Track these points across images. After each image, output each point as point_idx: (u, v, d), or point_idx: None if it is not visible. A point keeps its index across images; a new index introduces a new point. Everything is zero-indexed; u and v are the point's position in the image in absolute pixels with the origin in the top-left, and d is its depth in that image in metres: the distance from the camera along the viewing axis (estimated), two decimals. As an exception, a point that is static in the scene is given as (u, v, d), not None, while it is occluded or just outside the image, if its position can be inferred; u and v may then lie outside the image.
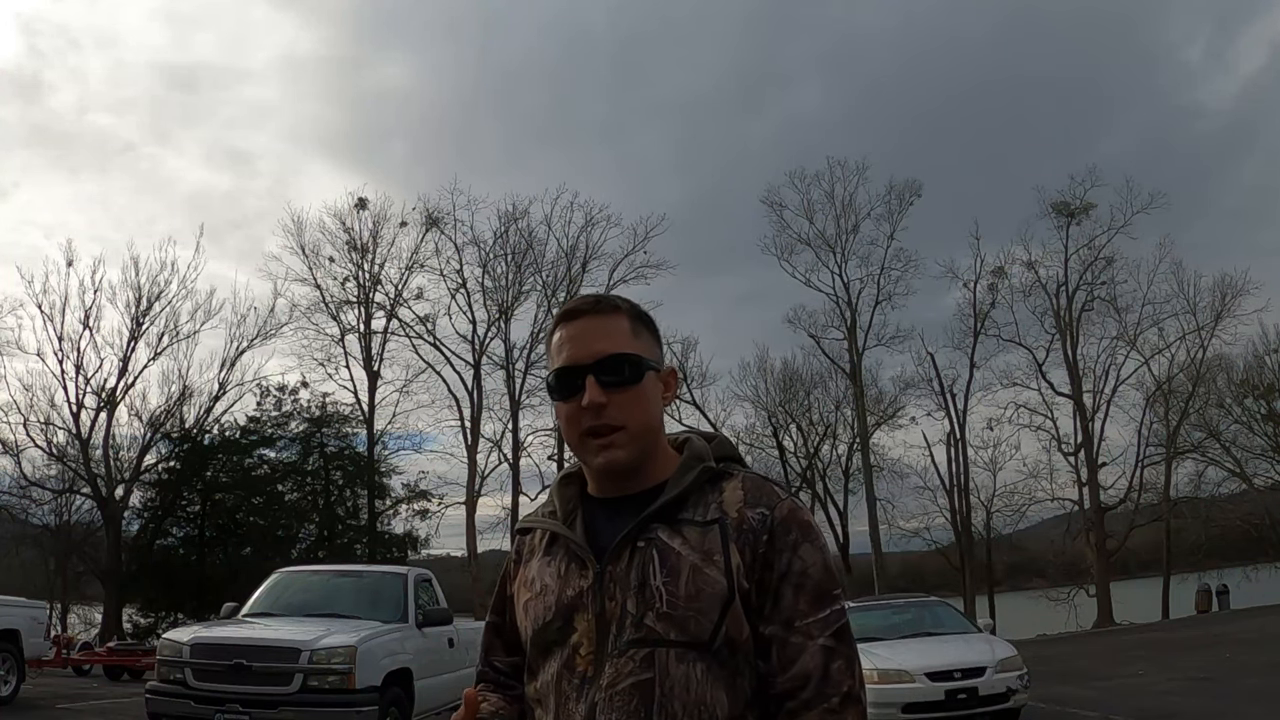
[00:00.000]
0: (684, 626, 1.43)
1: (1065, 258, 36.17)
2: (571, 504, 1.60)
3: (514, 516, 35.64)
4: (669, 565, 1.46)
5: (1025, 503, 37.33)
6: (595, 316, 1.57)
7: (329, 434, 34.55)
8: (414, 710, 9.34)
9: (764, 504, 1.51)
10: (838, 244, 36.98)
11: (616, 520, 1.53)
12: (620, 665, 1.45)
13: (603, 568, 1.50)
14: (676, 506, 1.51)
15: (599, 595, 1.49)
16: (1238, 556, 36.10)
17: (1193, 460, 36.03)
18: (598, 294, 1.65)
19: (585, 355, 1.53)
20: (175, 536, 33.09)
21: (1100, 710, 12.58)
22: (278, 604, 10.00)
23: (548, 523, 1.62)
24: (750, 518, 1.49)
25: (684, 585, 1.45)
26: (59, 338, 32.03)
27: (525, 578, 1.62)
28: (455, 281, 36.39)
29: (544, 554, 1.60)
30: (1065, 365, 36.34)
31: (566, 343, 1.56)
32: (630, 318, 1.59)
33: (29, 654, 13.16)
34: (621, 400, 1.52)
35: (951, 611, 13.50)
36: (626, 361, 1.54)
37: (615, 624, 1.47)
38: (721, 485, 1.54)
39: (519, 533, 1.71)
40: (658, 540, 1.49)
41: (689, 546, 1.47)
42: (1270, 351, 35.55)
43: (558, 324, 1.60)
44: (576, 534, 1.55)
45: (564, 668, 1.50)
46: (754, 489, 1.53)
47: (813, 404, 39.93)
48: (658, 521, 1.50)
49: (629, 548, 1.50)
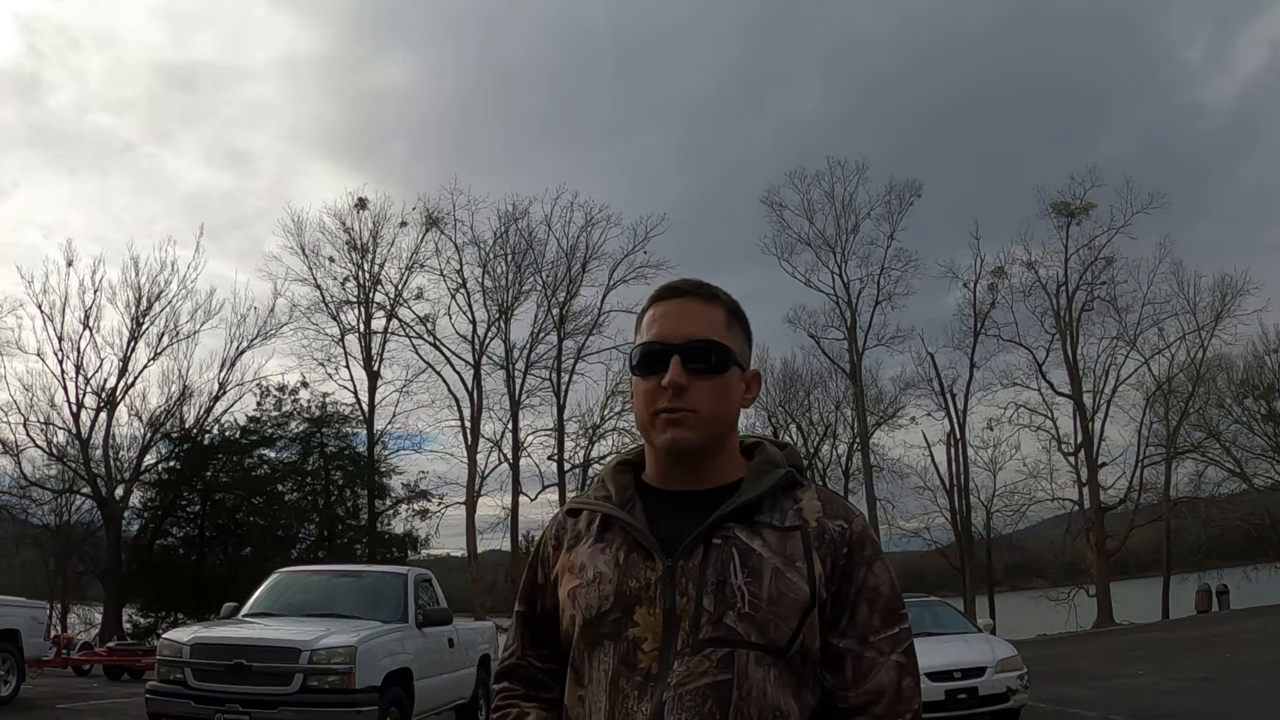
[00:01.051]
0: (764, 630, 1.40)
1: (1065, 258, 36.23)
2: (628, 491, 1.55)
3: (514, 516, 35.72)
4: (750, 566, 1.43)
5: (1025, 503, 37.39)
6: (694, 300, 1.55)
7: (329, 434, 34.55)
8: (414, 710, 9.33)
9: (842, 517, 1.50)
10: (838, 244, 37.05)
11: (681, 514, 1.48)
12: (693, 664, 1.40)
13: (674, 562, 1.44)
14: (754, 508, 1.48)
15: (670, 590, 1.43)
16: (1238, 556, 36.08)
17: (1193, 460, 36.06)
18: (701, 280, 1.60)
19: (675, 335, 1.50)
20: (175, 536, 33.05)
21: (1100, 710, 12.58)
22: (278, 604, 9.99)
23: (604, 506, 1.55)
24: (830, 528, 1.48)
25: (766, 588, 1.42)
26: (59, 338, 32.11)
27: (571, 563, 1.54)
28: (455, 281, 36.45)
29: (595, 539, 1.53)
30: (1065, 365, 36.36)
31: (659, 319, 1.53)
32: (727, 311, 1.56)
33: (29, 654, 13.14)
34: (702, 387, 1.48)
35: (951, 611, 13.51)
36: (714, 349, 1.50)
37: (688, 621, 1.41)
38: (797, 494, 1.52)
39: (567, 514, 1.63)
40: (736, 539, 1.45)
41: (770, 549, 1.44)
42: (1270, 351, 35.57)
43: (655, 300, 1.57)
44: (640, 521, 1.50)
45: (622, 663, 1.43)
46: (829, 501, 1.53)
47: (813, 404, 40.02)
48: (734, 520, 1.47)
49: (703, 544, 1.45)
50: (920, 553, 40.59)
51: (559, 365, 36.56)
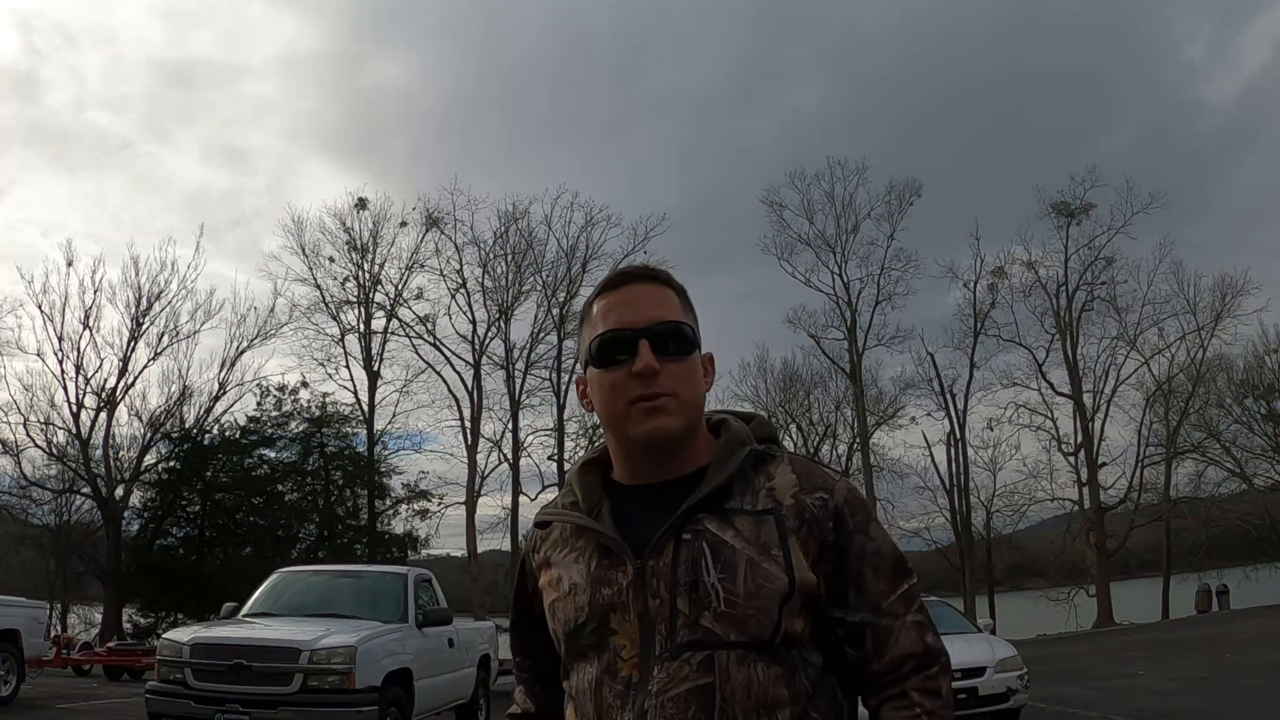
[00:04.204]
0: (744, 626, 1.34)
1: (1065, 258, 36.22)
2: (596, 493, 1.48)
3: (514, 516, 35.67)
4: (723, 560, 1.36)
5: (1025, 503, 37.38)
6: (647, 284, 1.48)
7: (329, 434, 34.52)
8: (414, 710, 9.33)
9: (821, 488, 1.42)
10: (838, 244, 36.98)
11: (652, 509, 1.40)
12: (673, 670, 1.34)
13: (644, 563, 1.38)
14: (722, 495, 1.40)
15: (641, 593, 1.37)
16: (1238, 556, 36.08)
17: (1193, 460, 36.08)
18: (648, 265, 1.55)
19: (639, 320, 1.43)
20: (175, 536, 33.05)
21: (1100, 710, 12.59)
22: (278, 604, 10.00)
23: (570, 515, 1.48)
24: (809, 504, 1.40)
25: (742, 582, 1.35)
26: (59, 338, 32.03)
27: (550, 577, 1.49)
28: (455, 281, 36.41)
29: (568, 549, 1.47)
30: (1065, 365, 36.36)
31: (615, 308, 1.45)
32: (678, 293, 1.50)
33: (29, 654, 13.13)
34: (674, 370, 1.42)
35: (951, 611, 13.50)
36: (681, 330, 1.45)
37: (663, 624, 1.36)
38: (769, 470, 1.44)
39: (537, 526, 1.57)
40: (707, 532, 1.37)
41: (743, 539, 1.37)
42: (1270, 351, 35.57)
43: (601, 291, 1.50)
44: (606, 525, 1.43)
45: (604, 673, 1.38)
46: (806, 472, 1.44)
47: (813, 404, 39.93)
48: (704, 511, 1.39)
49: (673, 540, 1.38)
50: (920, 553, 40.53)
51: (559, 365, 36.55)
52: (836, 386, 38.92)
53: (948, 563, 38.01)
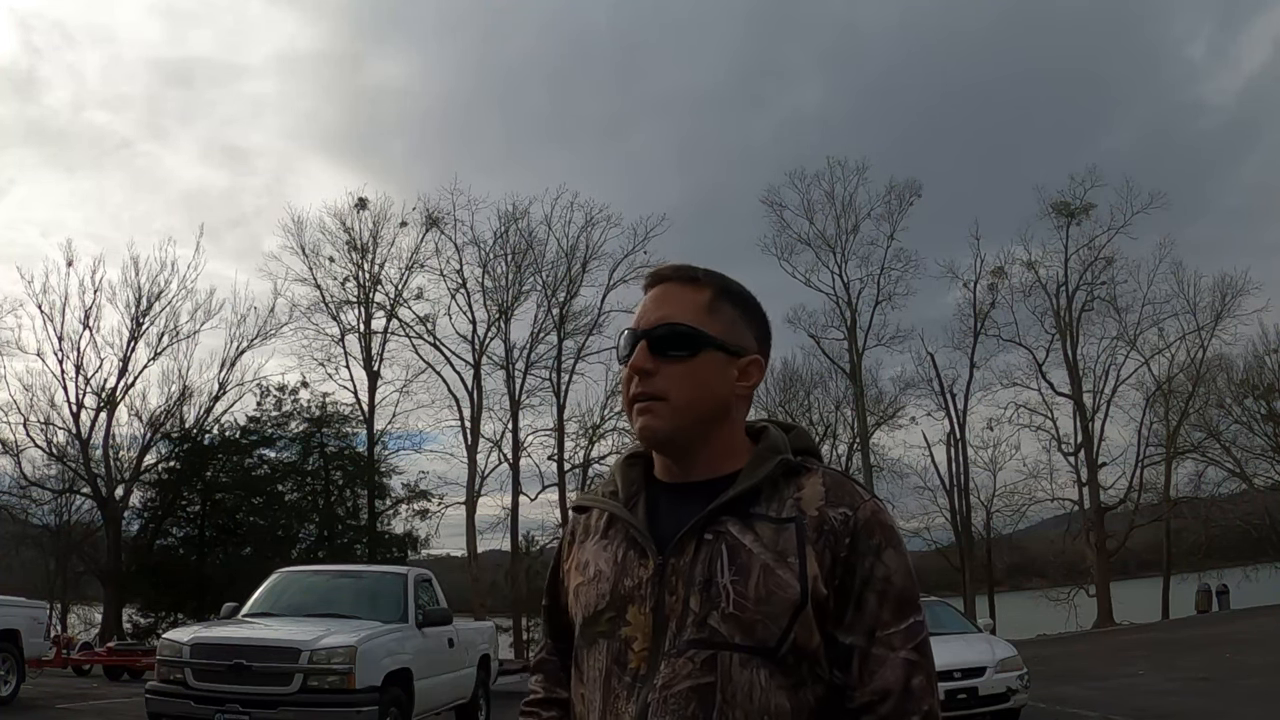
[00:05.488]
0: (750, 630, 1.35)
1: (1065, 258, 36.22)
2: (635, 486, 1.51)
3: (514, 516, 35.71)
4: (738, 563, 1.37)
5: (1025, 503, 37.39)
6: (673, 284, 1.52)
7: (329, 434, 34.52)
8: (414, 710, 9.34)
9: (846, 504, 1.41)
10: (838, 244, 37.00)
11: (682, 508, 1.43)
12: (678, 666, 1.36)
13: (665, 559, 1.41)
14: (750, 499, 1.41)
15: (658, 588, 1.40)
16: (1238, 556, 36.13)
17: (1193, 460, 36.11)
18: (689, 264, 1.56)
19: (644, 321, 1.48)
20: (175, 536, 33.04)
21: (1100, 710, 12.59)
22: (278, 604, 10.00)
23: (607, 503, 1.52)
24: (831, 518, 1.39)
25: (754, 586, 1.36)
26: (59, 338, 32.03)
27: (579, 560, 1.53)
28: (455, 281, 36.42)
29: (601, 536, 1.51)
30: (1065, 365, 36.36)
31: (640, 308, 1.52)
32: (715, 293, 1.51)
33: (29, 654, 13.15)
34: (671, 372, 1.44)
35: (951, 611, 13.51)
36: (679, 332, 1.45)
37: (675, 621, 1.38)
38: (800, 481, 1.44)
39: (575, 510, 1.61)
40: (728, 535, 1.39)
41: (761, 544, 1.38)
42: (1270, 351, 35.60)
43: (644, 288, 1.56)
44: (638, 519, 1.46)
45: (614, 663, 1.41)
46: (835, 486, 1.43)
47: (813, 404, 39.89)
48: (728, 514, 1.41)
49: (695, 540, 1.40)
50: (920, 553, 40.53)
51: (559, 365, 36.56)
52: (836, 386, 39.00)
53: (948, 563, 38.01)
